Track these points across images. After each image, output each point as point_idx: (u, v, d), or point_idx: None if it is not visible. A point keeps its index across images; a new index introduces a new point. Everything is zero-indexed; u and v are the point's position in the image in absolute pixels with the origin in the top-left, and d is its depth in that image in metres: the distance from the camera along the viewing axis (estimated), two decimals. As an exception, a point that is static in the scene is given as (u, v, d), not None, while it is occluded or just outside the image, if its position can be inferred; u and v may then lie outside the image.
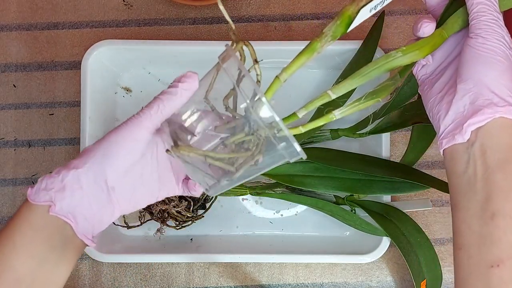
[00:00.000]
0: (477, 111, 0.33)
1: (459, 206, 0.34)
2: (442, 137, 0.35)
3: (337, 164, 0.55)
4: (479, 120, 0.32)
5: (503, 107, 0.32)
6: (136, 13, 0.63)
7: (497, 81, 0.33)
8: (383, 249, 0.56)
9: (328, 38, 0.33)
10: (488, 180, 0.32)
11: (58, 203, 0.32)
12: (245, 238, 0.61)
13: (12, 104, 0.63)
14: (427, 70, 0.39)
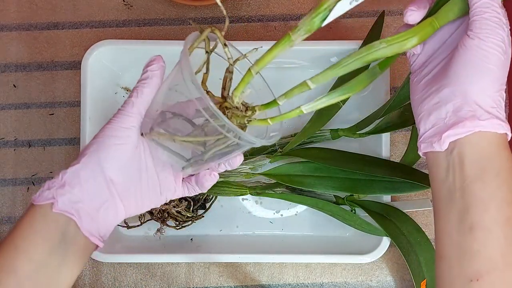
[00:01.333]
0: (458, 123, 0.32)
1: (441, 214, 0.33)
2: (421, 140, 0.35)
3: (337, 164, 0.55)
4: (459, 133, 0.32)
5: (485, 120, 0.31)
6: (136, 13, 0.63)
7: (484, 92, 0.32)
8: (383, 249, 0.56)
9: (301, 32, 0.33)
10: (466, 191, 0.31)
11: (59, 199, 0.32)
12: (245, 238, 0.61)
13: (12, 104, 0.63)
14: (418, 60, 0.37)
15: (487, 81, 0.32)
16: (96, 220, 0.33)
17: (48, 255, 0.31)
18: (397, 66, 0.62)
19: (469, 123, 0.31)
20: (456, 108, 0.32)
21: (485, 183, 0.31)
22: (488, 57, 0.31)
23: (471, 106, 0.32)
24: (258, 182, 0.60)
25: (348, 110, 0.60)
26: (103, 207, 0.34)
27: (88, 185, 0.33)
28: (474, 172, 0.31)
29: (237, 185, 0.59)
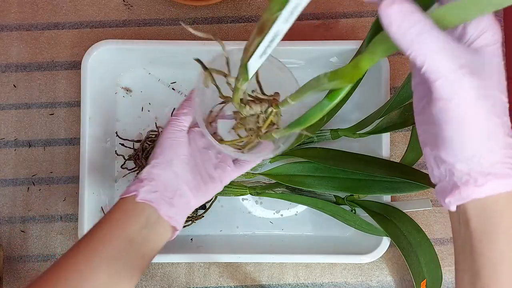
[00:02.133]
0: (454, 189, 0.29)
1: (457, 266, 0.32)
2: (435, 189, 0.32)
3: (337, 164, 0.55)
4: (457, 199, 0.29)
5: (482, 186, 0.28)
6: (136, 13, 0.64)
7: (475, 152, 0.27)
8: (383, 249, 0.56)
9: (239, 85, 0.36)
10: (475, 249, 0.29)
11: (140, 190, 0.40)
12: (245, 238, 0.61)
13: (12, 104, 0.63)
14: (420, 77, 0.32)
15: (469, 145, 0.27)
16: (173, 206, 0.41)
17: (137, 232, 0.39)
18: (397, 66, 0.62)
19: (464, 190, 0.28)
20: (449, 171, 0.29)
21: (493, 243, 0.28)
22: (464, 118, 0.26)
23: (462, 170, 0.28)
24: (258, 182, 0.60)
25: (348, 110, 0.60)
26: (176, 195, 0.41)
27: (161, 179, 0.41)
28: (480, 231, 0.29)
29: (237, 185, 0.59)
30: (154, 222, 0.40)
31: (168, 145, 0.42)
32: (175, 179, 0.42)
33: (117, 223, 0.39)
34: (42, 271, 0.61)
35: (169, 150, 0.42)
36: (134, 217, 0.39)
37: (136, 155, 0.59)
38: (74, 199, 0.61)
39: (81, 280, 0.36)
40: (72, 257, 0.37)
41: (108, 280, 0.36)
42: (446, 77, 0.25)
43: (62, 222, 0.61)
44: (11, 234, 0.61)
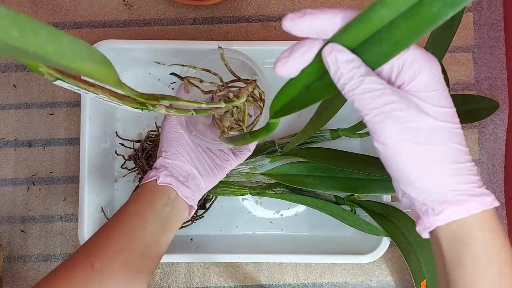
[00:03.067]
0: (418, 217, 0.29)
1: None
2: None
3: (337, 164, 0.55)
4: (423, 228, 0.29)
5: (440, 214, 0.28)
6: (136, 13, 0.64)
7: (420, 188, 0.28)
8: (383, 249, 0.56)
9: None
10: (449, 277, 0.29)
11: (160, 175, 0.45)
12: (245, 238, 0.61)
13: (12, 104, 0.63)
14: None
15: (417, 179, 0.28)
16: (188, 188, 0.46)
17: (162, 209, 0.44)
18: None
19: (425, 219, 0.29)
20: (410, 202, 0.30)
21: (464, 272, 0.28)
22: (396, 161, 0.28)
23: (419, 201, 0.29)
24: (258, 182, 0.60)
25: (348, 110, 0.60)
26: (189, 178, 0.47)
27: (174, 166, 0.46)
28: (451, 258, 0.29)
29: (237, 185, 0.59)
30: (174, 201, 0.45)
31: (172, 138, 0.48)
32: (185, 165, 0.47)
33: (145, 201, 0.44)
34: (42, 271, 0.61)
35: (174, 141, 0.47)
36: (159, 196, 0.44)
37: (136, 155, 0.59)
38: (74, 199, 0.61)
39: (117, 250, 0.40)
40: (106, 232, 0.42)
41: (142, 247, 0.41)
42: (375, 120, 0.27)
43: (62, 222, 0.61)
44: (11, 234, 0.61)
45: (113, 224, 0.42)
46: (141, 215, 0.43)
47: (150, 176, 0.46)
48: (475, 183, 0.28)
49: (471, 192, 0.28)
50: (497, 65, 0.63)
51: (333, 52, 0.26)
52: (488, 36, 0.64)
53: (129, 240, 0.41)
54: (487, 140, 0.63)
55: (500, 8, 0.63)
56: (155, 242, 0.43)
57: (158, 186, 0.45)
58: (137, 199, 0.45)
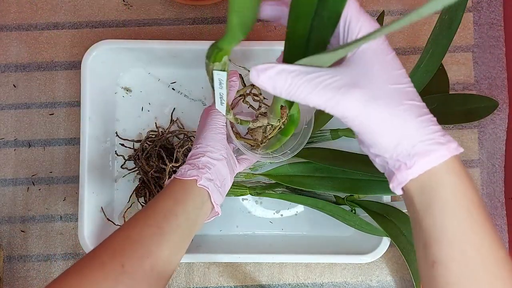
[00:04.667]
0: (392, 175, 0.31)
1: (414, 242, 0.33)
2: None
3: (337, 164, 0.55)
4: (397, 184, 0.31)
5: (412, 167, 0.30)
6: (136, 13, 0.63)
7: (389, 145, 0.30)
8: (383, 249, 0.56)
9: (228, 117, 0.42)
10: (421, 225, 0.31)
11: (202, 176, 0.44)
12: (245, 238, 0.61)
13: (12, 104, 0.63)
14: None
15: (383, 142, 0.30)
16: (220, 194, 0.46)
17: (193, 211, 0.43)
18: (397, 66, 0.62)
19: (399, 175, 0.30)
20: (383, 161, 0.31)
21: (434, 217, 0.30)
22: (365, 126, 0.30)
23: (393, 158, 0.30)
24: (258, 182, 0.60)
25: (348, 110, 0.60)
26: (223, 183, 0.46)
27: (215, 168, 0.45)
28: (422, 207, 0.30)
29: (237, 185, 0.59)
30: (206, 205, 0.44)
31: (219, 139, 0.47)
32: (224, 169, 0.46)
33: (178, 202, 0.42)
34: (42, 271, 0.61)
35: (220, 143, 0.46)
36: (193, 199, 0.43)
37: (136, 155, 0.59)
38: (74, 199, 0.61)
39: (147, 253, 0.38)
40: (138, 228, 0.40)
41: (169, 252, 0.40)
42: (329, 106, 0.29)
43: (62, 222, 0.61)
44: (11, 234, 0.61)
45: (144, 220, 0.40)
46: (175, 216, 0.41)
47: (190, 174, 0.44)
48: (438, 132, 0.30)
49: (438, 140, 0.29)
50: (497, 65, 0.63)
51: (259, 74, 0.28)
52: (488, 35, 0.64)
53: (160, 243, 0.39)
54: (487, 140, 0.63)
55: (500, 7, 0.63)
56: (180, 246, 0.41)
57: (196, 187, 0.43)
58: (172, 196, 0.43)
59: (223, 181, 0.46)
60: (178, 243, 0.41)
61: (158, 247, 0.39)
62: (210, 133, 0.46)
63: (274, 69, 0.28)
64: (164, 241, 0.39)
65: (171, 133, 0.59)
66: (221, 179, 0.46)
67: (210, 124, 0.47)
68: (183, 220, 0.41)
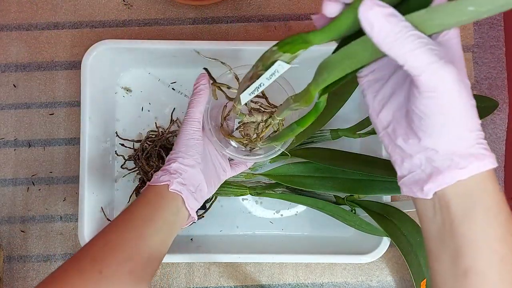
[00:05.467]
0: (436, 174, 0.29)
1: (433, 254, 0.32)
2: (401, 183, 0.32)
3: (337, 164, 0.55)
4: (439, 185, 0.29)
5: (464, 169, 0.29)
6: (136, 13, 0.63)
7: (456, 138, 0.28)
8: (383, 249, 0.56)
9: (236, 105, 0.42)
10: (455, 232, 0.29)
11: (174, 181, 0.44)
12: (245, 238, 0.61)
13: (12, 104, 0.63)
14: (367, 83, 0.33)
15: (454, 128, 0.28)
16: (195, 200, 0.45)
17: (170, 216, 0.43)
18: (397, 66, 0.62)
19: (447, 174, 0.29)
20: (429, 158, 0.30)
21: (474, 222, 0.29)
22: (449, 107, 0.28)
23: (444, 155, 0.29)
24: (258, 182, 0.60)
25: (348, 110, 0.60)
26: (198, 189, 0.46)
27: (188, 174, 0.45)
28: (461, 213, 0.29)
29: (237, 185, 0.59)
30: (179, 210, 0.44)
31: (192, 145, 0.46)
32: (198, 175, 0.46)
33: (156, 206, 0.43)
34: (42, 271, 0.61)
35: (193, 149, 0.46)
36: (169, 204, 0.43)
37: (136, 155, 0.59)
38: (74, 199, 0.61)
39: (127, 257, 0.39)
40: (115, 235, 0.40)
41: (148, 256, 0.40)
42: (430, 69, 0.26)
43: (62, 222, 0.61)
44: (11, 234, 0.61)
45: (123, 226, 0.41)
46: (152, 221, 0.42)
47: (162, 179, 0.44)
48: (485, 140, 0.30)
49: (486, 147, 0.29)
50: (497, 65, 0.63)
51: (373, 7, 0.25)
52: (488, 35, 0.64)
53: (138, 247, 0.40)
54: (487, 139, 0.63)
55: (500, 8, 0.63)
56: (160, 250, 0.42)
57: (169, 192, 0.43)
58: (147, 202, 0.43)
59: (198, 186, 0.46)
60: (158, 247, 0.41)
61: (138, 252, 0.39)
62: (182, 139, 0.46)
63: (388, 9, 0.25)
64: (143, 246, 0.40)
65: (171, 133, 0.59)
66: (195, 185, 0.45)
67: (184, 130, 0.47)
68: (161, 225, 0.42)
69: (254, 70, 0.36)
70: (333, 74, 0.31)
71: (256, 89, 0.37)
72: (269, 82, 0.35)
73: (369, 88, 0.33)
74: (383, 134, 0.33)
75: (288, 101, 0.38)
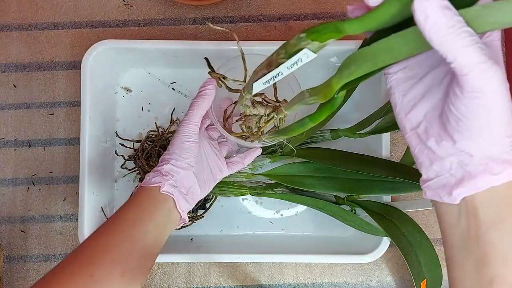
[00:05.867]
0: (468, 179, 0.28)
1: (454, 261, 0.30)
2: (425, 187, 0.31)
3: (337, 164, 0.55)
4: (470, 190, 0.28)
5: (498, 174, 0.28)
6: (136, 13, 0.63)
7: (493, 142, 0.27)
8: (383, 249, 0.56)
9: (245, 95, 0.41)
10: (482, 239, 0.28)
11: (165, 183, 0.43)
12: (245, 238, 0.61)
13: (12, 104, 0.63)
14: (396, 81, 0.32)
15: (494, 132, 0.27)
16: (187, 202, 0.45)
17: (161, 218, 0.43)
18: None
19: (481, 179, 0.28)
20: (462, 161, 0.28)
21: (503, 232, 0.28)
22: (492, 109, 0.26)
23: (479, 160, 0.28)
24: (258, 182, 0.60)
25: (348, 110, 0.60)
26: (190, 191, 0.46)
27: (180, 176, 0.45)
28: (489, 219, 0.28)
29: (237, 185, 0.59)
30: (171, 212, 0.44)
31: (187, 147, 0.46)
32: (190, 178, 0.46)
33: (147, 208, 0.43)
34: (42, 271, 0.61)
35: (188, 151, 0.46)
36: (160, 205, 0.43)
37: (136, 155, 0.59)
38: (74, 199, 0.61)
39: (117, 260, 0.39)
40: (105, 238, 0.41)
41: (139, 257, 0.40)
42: (479, 69, 0.25)
43: (62, 222, 0.61)
44: (11, 234, 0.61)
45: (113, 229, 0.41)
46: (142, 223, 0.41)
47: (154, 181, 0.44)
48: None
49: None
50: (497, 65, 0.63)
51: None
52: (488, 36, 0.63)
53: (129, 250, 0.40)
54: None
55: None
56: (151, 252, 0.42)
57: (160, 194, 0.43)
58: (138, 204, 0.43)
59: (190, 188, 0.46)
60: (149, 248, 0.41)
61: (129, 254, 0.39)
62: (177, 141, 0.46)
63: (444, 1, 0.24)
64: (134, 248, 0.40)
65: (171, 133, 0.59)
66: (186, 187, 0.45)
67: (180, 132, 0.46)
68: (151, 227, 0.42)
69: (275, 57, 0.34)
70: (362, 68, 0.29)
71: (273, 78, 0.35)
72: (288, 72, 0.34)
73: (398, 86, 0.32)
74: (411, 134, 0.32)
75: (303, 94, 0.37)
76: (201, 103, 0.46)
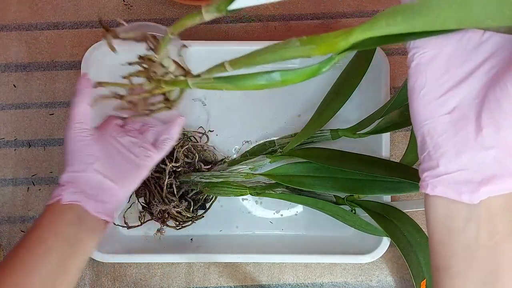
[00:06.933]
0: (503, 176, 0.25)
1: (452, 272, 0.27)
2: (438, 180, 0.27)
3: (337, 164, 0.55)
4: (499, 189, 0.25)
5: None
6: (136, 13, 0.64)
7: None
8: (383, 249, 0.56)
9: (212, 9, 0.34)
10: (495, 250, 0.26)
11: (64, 194, 0.41)
12: (245, 238, 0.61)
13: (12, 104, 0.63)
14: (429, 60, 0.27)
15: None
16: (99, 202, 0.42)
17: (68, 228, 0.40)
18: (397, 66, 0.62)
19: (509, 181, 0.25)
20: (497, 157, 0.25)
21: None
22: None
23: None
24: (258, 182, 0.60)
25: (348, 110, 0.60)
26: (100, 190, 0.43)
27: (81, 180, 0.42)
28: (506, 228, 0.25)
29: (237, 185, 0.59)
30: (85, 219, 0.41)
31: (77, 149, 0.43)
32: (95, 176, 0.43)
33: (47, 224, 0.40)
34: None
35: (79, 152, 0.43)
36: (63, 216, 0.41)
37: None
38: (74, 199, 0.61)
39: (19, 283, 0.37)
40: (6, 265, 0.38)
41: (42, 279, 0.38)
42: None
43: (62, 222, 0.61)
44: (11, 234, 0.61)
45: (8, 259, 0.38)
46: (43, 241, 0.39)
47: (54, 195, 0.41)
48: None
49: None
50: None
51: None
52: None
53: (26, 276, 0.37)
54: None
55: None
56: (62, 269, 0.39)
57: (63, 205, 0.40)
58: (38, 223, 0.40)
59: (98, 187, 0.43)
60: (55, 266, 0.39)
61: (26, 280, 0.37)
62: (66, 146, 0.44)
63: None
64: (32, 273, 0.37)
65: (171, 133, 0.59)
66: (93, 187, 0.42)
67: (66, 136, 0.44)
68: (54, 242, 0.39)
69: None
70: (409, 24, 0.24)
71: None
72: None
73: (431, 65, 0.27)
74: (437, 119, 0.27)
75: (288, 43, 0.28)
76: (79, 99, 0.44)
